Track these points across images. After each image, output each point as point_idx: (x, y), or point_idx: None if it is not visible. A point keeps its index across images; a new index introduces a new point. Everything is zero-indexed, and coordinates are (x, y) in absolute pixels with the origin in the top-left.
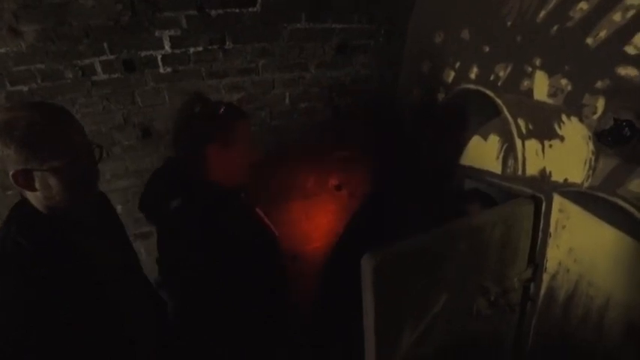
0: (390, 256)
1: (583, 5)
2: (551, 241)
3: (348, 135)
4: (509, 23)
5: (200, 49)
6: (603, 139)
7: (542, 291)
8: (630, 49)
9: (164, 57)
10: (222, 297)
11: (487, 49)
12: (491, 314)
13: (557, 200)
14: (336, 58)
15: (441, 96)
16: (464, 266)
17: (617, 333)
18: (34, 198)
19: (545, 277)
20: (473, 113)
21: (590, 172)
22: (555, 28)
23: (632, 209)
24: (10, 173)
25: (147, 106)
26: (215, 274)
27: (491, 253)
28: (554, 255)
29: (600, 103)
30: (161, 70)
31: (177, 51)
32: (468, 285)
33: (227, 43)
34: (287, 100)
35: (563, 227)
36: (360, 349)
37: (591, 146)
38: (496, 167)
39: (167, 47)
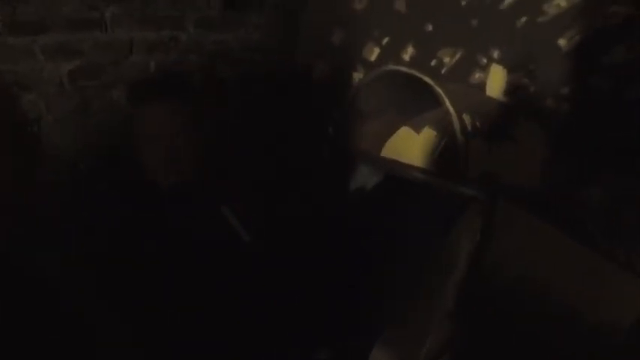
0: None
1: (560, 1)
2: (492, 245)
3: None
4: (463, 3)
5: None
6: None
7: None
8: (606, 59)
9: None
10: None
11: (430, 27)
12: None
13: (502, 203)
14: (223, 14)
15: (357, 76)
16: None
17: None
18: None
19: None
20: (402, 101)
21: (543, 177)
22: (523, 20)
23: (582, 216)
24: None
25: None
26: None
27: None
28: (495, 260)
29: (562, 109)
30: None
31: None
32: None
33: None
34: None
35: (506, 231)
36: None
37: (547, 151)
38: (429, 164)
39: None
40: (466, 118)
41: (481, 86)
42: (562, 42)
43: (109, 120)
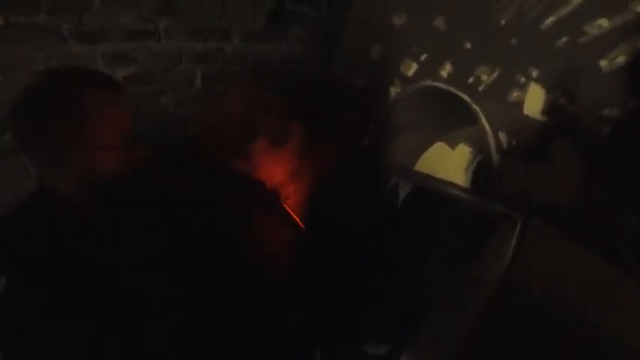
0: None
1: (603, 22)
2: (522, 264)
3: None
4: (502, 22)
5: None
6: None
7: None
8: None
9: None
10: None
11: (469, 45)
12: None
13: (535, 223)
14: (267, 27)
15: (394, 90)
16: None
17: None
18: None
19: (511, 300)
20: (438, 116)
21: (579, 198)
22: (564, 40)
23: (616, 240)
24: None
25: None
26: None
27: None
28: (523, 277)
29: (602, 131)
30: None
31: None
32: None
33: None
34: (198, 81)
35: (536, 250)
36: None
37: (584, 173)
38: (463, 180)
39: None
40: (502, 136)
41: (519, 105)
42: (603, 63)
43: (157, 123)
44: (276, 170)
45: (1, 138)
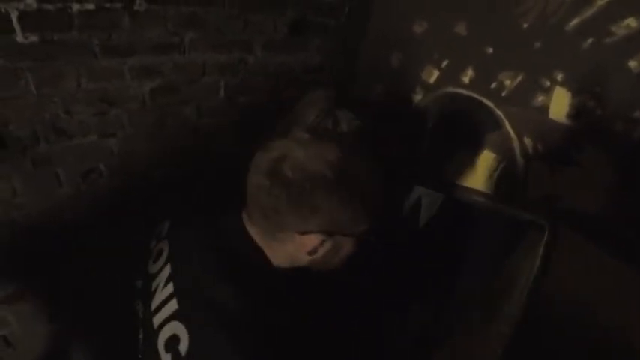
0: None
1: (631, 22)
2: (549, 272)
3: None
4: (525, 25)
5: (91, 7)
6: None
7: (536, 323)
8: None
9: (24, 15)
10: None
11: (490, 50)
12: None
13: (563, 230)
14: (288, 38)
15: (416, 97)
16: None
17: None
18: None
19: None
20: (461, 122)
21: (607, 204)
22: (589, 41)
23: None
24: None
25: None
26: None
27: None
28: (551, 286)
29: (632, 134)
30: (19, 39)
31: (50, 7)
32: None
33: (137, 1)
34: (222, 92)
35: (564, 258)
36: None
37: (614, 179)
38: (487, 187)
39: None
40: (527, 141)
41: (544, 109)
42: (633, 64)
43: (182, 133)
44: None
45: (37, 149)
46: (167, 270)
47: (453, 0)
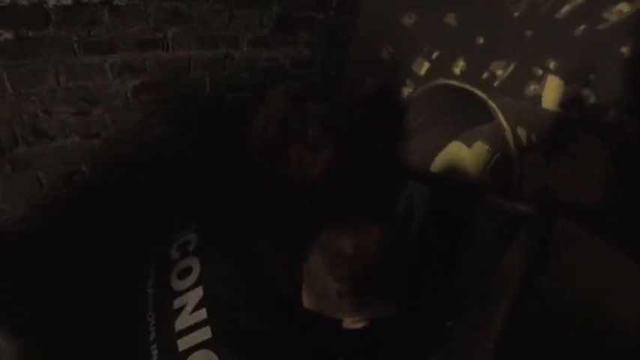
0: None
1: (623, 7)
2: (549, 265)
3: None
4: (515, 14)
5: (68, 2)
6: None
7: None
8: None
9: None
10: None
11: (481, 40)
12: None
13: (561, 221)
14: (275, 33)
15: (407, 90)
16: None
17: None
18: None
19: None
20: (452, 115)
21: (604, 194)
22: (582, 28)
23: None
24: None
25: None
26: None
27: None
28: (552, 279)
29: (629, 123)
30: None
31: (24, 2)
32: None
33: None
34: (207, 88)
35: (564, 250)
36: None
37: (609, 168)
38: (481, 179)
39: None
40: (520, 131)
41: (537, 99)
42: (625, 50)
43: (167, 132)
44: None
45: (15, 151)
46: (199, 293)
47: None
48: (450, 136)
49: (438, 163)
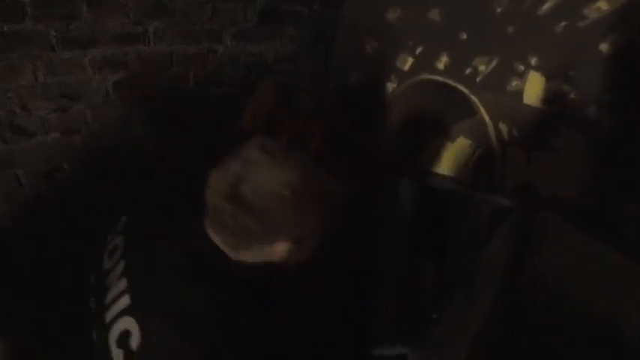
0: None
1: (602, 4)
2: (532, 259)
3: None
4: (498, 10)
5: None
6: None
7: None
8: None
9: None
10: None
11: (464, 36)
12: None
13: (543, 215)
14: (259, 27)
15: (391, 85)
16: None
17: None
18: None
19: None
20: (436, 110)
21: (586, 188)
22: (562, 25)
23: (626, 230)
24: None
25: None
26: None
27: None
28: (536, 273)
29: (606, 117)
30: None
31: None
32: None
33: None
34: (190, 83)
35: (547, 244)
36: None
37: (590, 163)
38: (464, 174)
39: None
40: (502, 126)
41: (518, 94)
42: (604, 47)
43: (149, 127)
44: None
45: None
46: (121, 265)
47: None
48: (433, 131)
49: (423, 157)
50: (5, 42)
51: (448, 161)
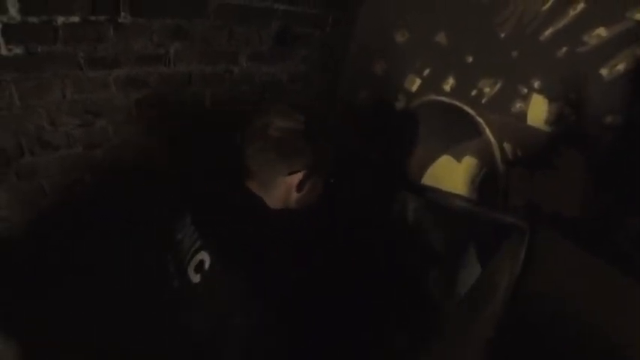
0: None
1: (601, 32)
2: (532, 275)
3: None
4: (502, 35)
5: (76, 19)
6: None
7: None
8: None
9: (7, 28)
10: None
11: (470, 59)
12: None
13: (544, 233)
14: (273, 49)
15: (399, 105)
16: None
17: None
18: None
19: (522, 311)
20: (443, 130)
21: (587, 206)
22: (563, 50)
23: (628, 248)
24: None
25: None
26: None
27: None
28: (535, 289)
29: (607, 139)
30: (2, 52)
31: (34, 19)
32: None
33: (122, 14)
34: (207, 102)
35: (548, 261)
36: None
37: (590, 181)
38: (470, 192)
39: (13, 11)
40: (507, 147)
41: (522, 116)
42: (604, 71)
43: (167, 143)
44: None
45: (21, 160)
46: (198, 242)
47: (433, 10)
48: (440, 150)
49: (429, 175)
50: (38, 62)
51: (455, 180)
